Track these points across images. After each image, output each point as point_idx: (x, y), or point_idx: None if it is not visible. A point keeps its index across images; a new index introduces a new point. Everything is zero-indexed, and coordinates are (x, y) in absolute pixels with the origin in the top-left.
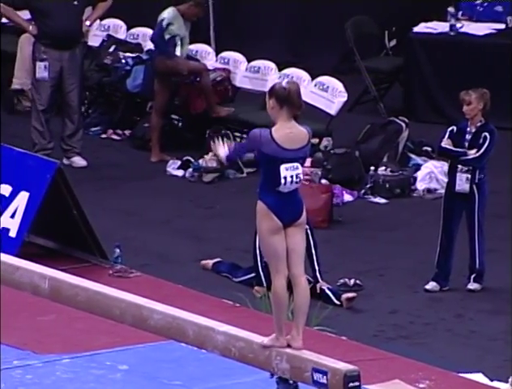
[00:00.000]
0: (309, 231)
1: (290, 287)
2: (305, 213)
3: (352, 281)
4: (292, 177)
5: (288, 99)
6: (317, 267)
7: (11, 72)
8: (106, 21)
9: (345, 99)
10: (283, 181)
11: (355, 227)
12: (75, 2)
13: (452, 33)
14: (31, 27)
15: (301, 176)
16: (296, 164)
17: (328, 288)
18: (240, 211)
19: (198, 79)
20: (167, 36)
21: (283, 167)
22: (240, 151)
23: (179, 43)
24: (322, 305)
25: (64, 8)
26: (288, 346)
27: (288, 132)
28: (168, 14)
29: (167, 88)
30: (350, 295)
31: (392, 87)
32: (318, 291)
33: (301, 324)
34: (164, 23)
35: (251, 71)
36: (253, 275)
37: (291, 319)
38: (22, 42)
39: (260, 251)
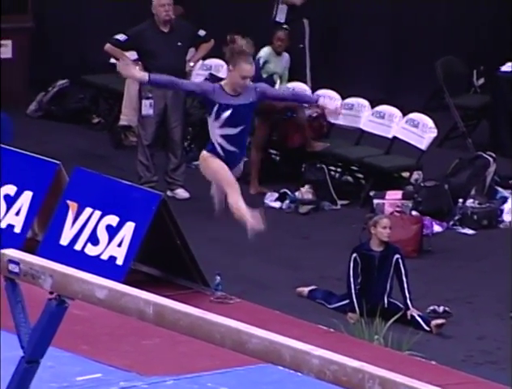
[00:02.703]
0: (400, 260)
1: None
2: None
3: (441, 308)
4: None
5: (240, 51)
6: (407, 295)
7: (119, 109)
8: (208, 61)
9: (435, 134)
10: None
11: (444, 256)
12: (179, 44)
13: None
14: (137, 67)
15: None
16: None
17: (418, 315)
18: (334, 241)
19: (294, 114)
20: (264, 75)
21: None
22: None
23: (278, 81)
24: (413, 331)
25: (168, 49)
26: None
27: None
28: (263, 52)
29: (266, 124)
30: (439, 321)
31: (480, 123)
32: (409, 317)
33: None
34: (261, 62)
35: (345, 108)
36: (346, 301)
37: (382, 343)
38: (129, 81)
39: (353, 279)
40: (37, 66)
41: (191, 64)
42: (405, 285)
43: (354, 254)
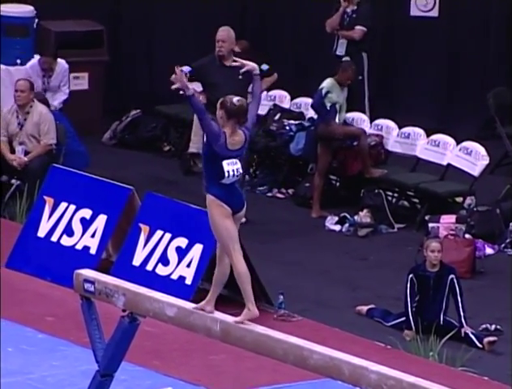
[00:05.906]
0: (455, 280)
1: None
2: (245, 206)
3: (493, 326)
4: (233, 170)
5: (235, 114)
6: (462, 314)
7: (188, 137)
8: (272, 92)
9: (487, 162)
10: (226, 174)
11: (495, 277)
12: (240, 77)
13: None
14: (201, 97)
15: (241, 170)
16: (235, 160)
17: (471, 333)
18: (391, 263)
19: (356, 142)
20: (328, 104)
21: (225, 162)
22: (203, 113)
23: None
24: (466, 348)
25: (231, 82)
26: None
27: (233, 138)
28: (326, 83)
29: (328, 152)
30: (491, 339)
31: None
32: (463, 335)
33: (217, 293)
34: (324, 91)
35: (402, 137)
36: (403, 319)
37: (437, 360)
38: None
39: (410, 298)
40: (112, 97)
41: None
42: (460, 304)
43: (410, 275)
